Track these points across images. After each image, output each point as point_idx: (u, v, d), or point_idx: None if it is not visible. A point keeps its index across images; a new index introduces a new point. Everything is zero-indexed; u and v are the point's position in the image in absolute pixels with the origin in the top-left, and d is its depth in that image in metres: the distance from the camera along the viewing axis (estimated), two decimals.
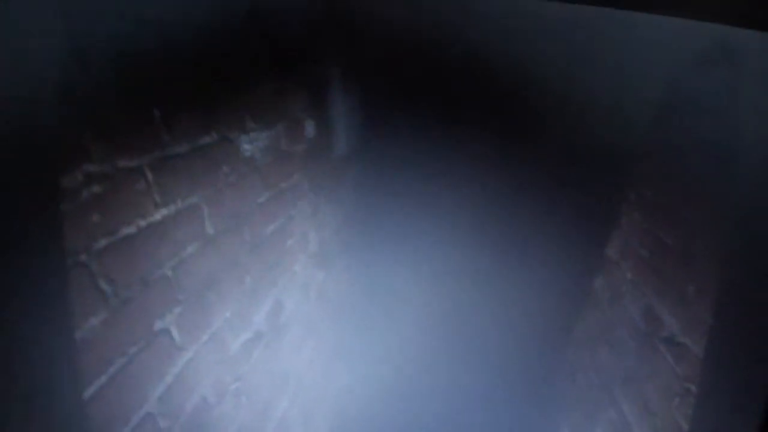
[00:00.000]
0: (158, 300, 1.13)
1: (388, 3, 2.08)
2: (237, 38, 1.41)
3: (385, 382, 2.45)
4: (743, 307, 1.24)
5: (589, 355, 2.17)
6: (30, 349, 0.81)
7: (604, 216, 2.11)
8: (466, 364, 2.52)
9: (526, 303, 2.40)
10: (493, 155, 2.28)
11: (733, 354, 1.27)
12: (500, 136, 2.27)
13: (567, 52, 1.90)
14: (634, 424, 1.70)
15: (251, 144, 1.51)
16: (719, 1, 1.01)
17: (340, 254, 2.36)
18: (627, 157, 1.97)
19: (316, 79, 2.00)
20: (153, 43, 1.08)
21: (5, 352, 0.77)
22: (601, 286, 2.17)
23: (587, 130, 2.05)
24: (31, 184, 0.82)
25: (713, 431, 1.30)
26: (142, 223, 1.07)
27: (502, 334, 2.46)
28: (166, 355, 1.16)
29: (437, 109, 2.27)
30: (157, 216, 1.11)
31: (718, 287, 1.35)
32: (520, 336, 2.45)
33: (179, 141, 1.18)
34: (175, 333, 1.19)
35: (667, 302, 1.63)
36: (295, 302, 1.90)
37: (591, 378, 2.11)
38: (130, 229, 1.03)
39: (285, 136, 1.74)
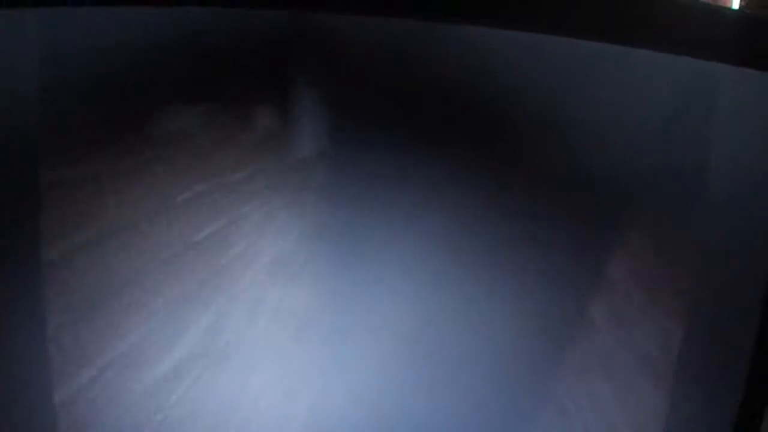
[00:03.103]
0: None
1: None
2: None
3: (358, 404, 2.16)
4: (725, 336, 1.33)
5: (582, 384, 2.00)
6: None
7: (601, 237, 1.98)
8: (449, 383, 2.25)
9: (515, 322, 2.15)
10: (485, 175, 2.04)
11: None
12: (490, 156, 2.04)
13: (567, 82, 1.78)
14: None
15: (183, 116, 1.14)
16: (695, 37, 1.11)
17: (303, 267, 2.03)
18: (626, 181, 1.89)
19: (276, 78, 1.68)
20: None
21: None
22: (598, 307, 2.02)
23: (586, 154, 1.93)
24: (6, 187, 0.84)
25: None
26: None
27: (491, 356, 2.22)
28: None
29: (423, 124, 2.01)
30: None
31: (708, 312, 1.40)
32: (511, 355, 2.22)
33: None
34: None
35: (662, 323, 1.57)
36: (239, 323, 1.54)
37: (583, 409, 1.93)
38: None
39: (231, 116, 1.37)
